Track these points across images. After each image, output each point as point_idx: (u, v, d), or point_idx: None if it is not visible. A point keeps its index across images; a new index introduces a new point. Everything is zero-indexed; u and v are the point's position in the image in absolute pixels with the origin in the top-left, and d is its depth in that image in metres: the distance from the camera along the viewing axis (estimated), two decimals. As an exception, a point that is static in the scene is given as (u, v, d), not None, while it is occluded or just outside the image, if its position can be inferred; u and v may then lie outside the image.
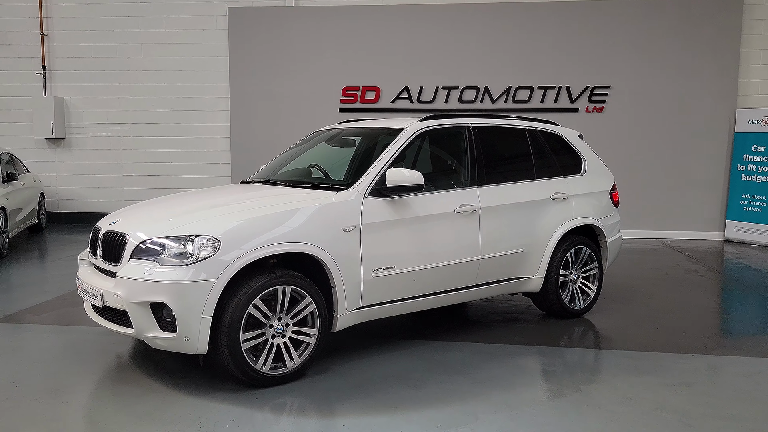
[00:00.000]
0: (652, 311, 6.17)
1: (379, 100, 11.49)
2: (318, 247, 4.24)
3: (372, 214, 4.55)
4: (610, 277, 7.56)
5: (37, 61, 12.25)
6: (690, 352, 4.94)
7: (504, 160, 5.76)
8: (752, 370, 4.57)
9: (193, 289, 3.84)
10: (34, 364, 4.61)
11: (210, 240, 3.93)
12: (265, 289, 4.02)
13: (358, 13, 11.47)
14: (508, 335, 5.33)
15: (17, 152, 11.68)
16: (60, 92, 12.32)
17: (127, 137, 12.28)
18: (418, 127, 5.09)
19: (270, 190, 4.91)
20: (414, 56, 11.39)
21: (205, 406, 3.85)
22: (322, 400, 3.97)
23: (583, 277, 5.94)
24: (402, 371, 4.45)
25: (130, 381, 4.26)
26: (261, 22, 11.63)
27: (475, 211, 5.08)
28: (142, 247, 4.03)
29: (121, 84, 12.18)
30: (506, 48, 11.22)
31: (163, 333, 3.92)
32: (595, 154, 6.34)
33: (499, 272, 5.34)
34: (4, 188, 9.14)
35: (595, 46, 11.06)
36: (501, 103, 11.26)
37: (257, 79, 11.69)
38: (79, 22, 12.16)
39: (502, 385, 4.21)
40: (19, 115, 12.40)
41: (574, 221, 5.78)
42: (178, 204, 4.71)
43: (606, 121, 11.14)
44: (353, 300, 4.47)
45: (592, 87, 11.11)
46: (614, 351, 5.03)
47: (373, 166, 4.73)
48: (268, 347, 4.09)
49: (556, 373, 4.52)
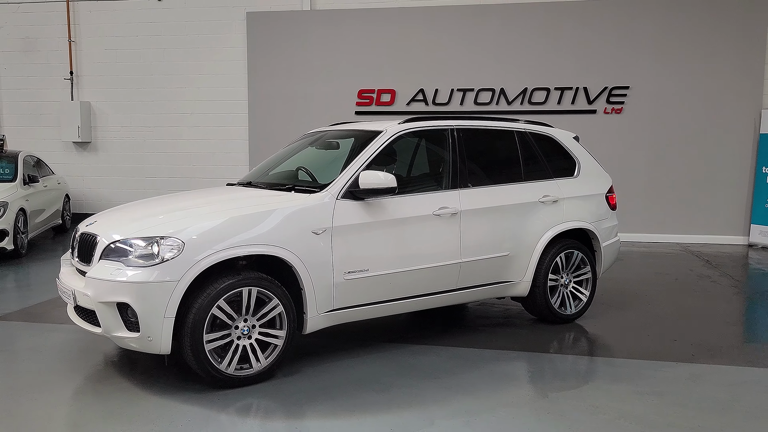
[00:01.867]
0: (649, 318, 6.01)
1: (395, 102, 11.48)
2: (285, 250, 4.25)
3: (345, 216, 4.55)
4: (613, 281, 7.42)
5: (65, 66, 12.62)
6: (675, 360, 4.79)
7: (489, 162, 5.69)
8: (735, 380, 4.41)
9: (155, 290, 3.89)
10: (8, 363, 4.74)
11: (174, 241, 3.98)
12: (229, 291, 4.06)
13: (373, 15, 11.49)
14: (491, 340, 5.26)
15: (46, 155, 12.09)
16: (86, 97, 12.67)
17: (150, 140, 12.55)
18: (397, 130, 5.06)
19: (247, 193, 4.95)
20: (429, 58, 11.35)
21: (167, 405, 3.90)
22: (284, 403, 3.98)
23: (575, 282, 5.82)
24: (371, 375, 4.43)
25: (104, 379, 4.35)
26: (278, 26, 11.75)
27: (455, 213, 5.03)
28: (111, 247, 4.11)
29: (144, 88, 12.46)
30: (522, 49, 11.08)
31: (128, 333, 3.99)
32: (591, 156, 6.20)
33: (482, 276, 5.27)
34: (25, 190, 9.44)
35: (614, 45, 10.84)
36: (517, 105, 11.12)
37: (275, 83, 11.82)
38: (105, 28, 12.49)
39: (469, 391, 4.15)
40: (48, 120, 12.80)
41: (565, 224, 5.66)
42: (156, 206, 4.79)
43: (625, 123, 10.90)
44: (324, 302, 4.48)
45: (610, 88, 10.88)
46: (595, 358, 4.92)
47: (348, 168, 4.73)
48: (233, 348, 4.13)
49: (529, 379, 4.45)
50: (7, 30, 12.78)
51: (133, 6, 12.38)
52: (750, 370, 4.59)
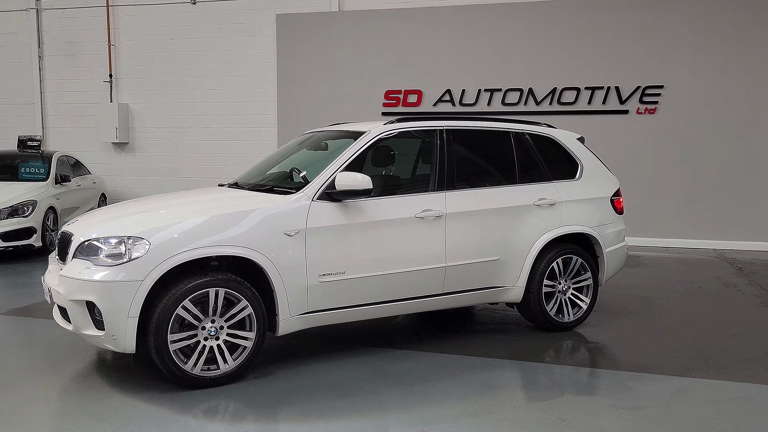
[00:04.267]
0: (654, 327, 5.74)
1: (421, 103, 11.37)
2: (254, 251, 4.23)
3: (320, 218, 4.50)
4: (627, 288, 7.16)
5: (105, 69, 13.02)
6: (666, 373, 4.54)
7: (481, 164, 5.54)
8: (723, 396, 4.15)
9: (119, 290, 3.93)
10: (6, 356, 4.89)
11: (140, 241, 4.01)
12: (195, 292, 4.06)
13: (400, 16, 11.40)
14: (479, 346, 5.11)
15: (87, 155, 12.55)
16: (124, 99, 13.04)
17: (184, 141, 12.81)
18: (380, 131, 4.98)
19: (227, 194, 4.97)
20: (457, 58, 11.20)
21: (128, 404, 3.93)
22: (244, 405, 3.95)
23: (574, 289, 5.61)
24: (342, 380, 4.36)
25: (78, 376, 4.42)
26: (307, 27, 11.81)
27: (439, 216, 4.91)
28: (83, 246, 4.17)
29: (178, 90, 12.73)
30: (551, 48, 10.80)
31: (96, 331, 4.04)
32: (596, 159, 5.96)
33: (470, 281, 5.13)
34: (56, 189, 9.77)
35: (647, 43, 10.43)
36: (546, 105, 10.84)
37: (303, 84, 11.88)
38: (142, 32, 12.83)
39: (435, 399, 4.04)
40: (89, 121, 13.22)
41: (562, 229, 5.46)
42: (137, 206, 4.86)
43: (659, 124, 10.47)
44: (298, 305, 4.43)
45: (643, 87, 10.47)
46: (581, 368, 4.71)
47: (326, 169, 4.68)
48: (199, 349, 4.13)
49: (503, 388, 4.29)
50: (52, 35, 13.28)
51: (168, 10, 12.67)
52: (743, 386, 4.30)
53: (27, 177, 9.90)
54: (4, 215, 8.60)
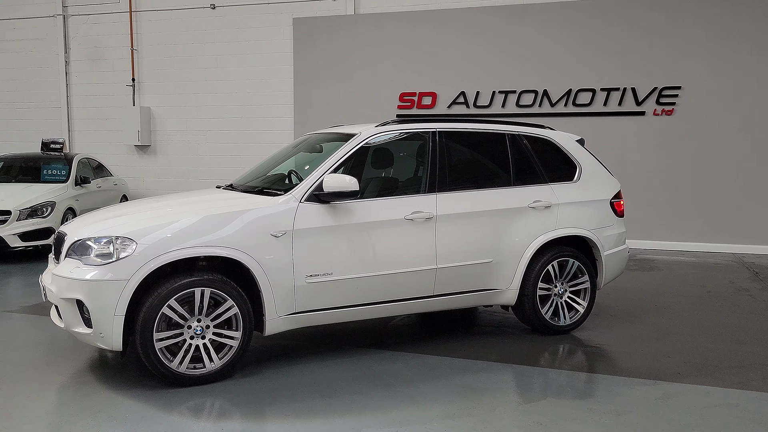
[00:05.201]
0: (654, 331, 5.65)
1: (436, 105, 11.36)
2: (241, 252, 4.29)
3: (307, 219, 4.54)
4: (633, 292, 7.07)
5: (128, 73, 13.30)
6: (655, 378, 4.47)
7: (474, 166, 5.53)
8: (711, 402, 4.08)
9: (105, 288, 4.03)
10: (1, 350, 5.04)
11: (127, 241, 4.11)
12: (180, 291, 4.13)
13: (415, 18, 11.42)
14: (470, 349, 5.10)
15: (111, 158, 12.87)
16: (147, 102, 13.29)
17: (204, 144, 13.01)
18: (371, 133, 5.02)
19: (219, 195, 5.05)
20: (471, 60, 11.17)
21: (114, 401, 4.02)
22: (226, 403, 4.02)
23: (571, 292, 5.55)
24: (327, 380, 4.40)
25: (70, 372, 4.54)
26: (323, 30, 11.90)
27: (430, 218, 4.92)
28: (75, 246, 4.29)
29: (198, 94, 12.93)
30: (566, 49, 10.70)
31: (85, 329, 4.14)
32: (596, 161, 5.90)
33: (463, 283, 5.12)
34: (76, 191, 10.02)
35: (664, 42, 10.27)
36: (561, 107, 10.75)
37: (319, 86, 11.98)
38: (164, 36, 13.07)
39: (416, 401, 4.04)
40: (112, 124, 13.51)
41: (558, 231, 5.42)
42: (131, 207, 4.98)
43: (676, 125, 10.30)
44: (285, 305, 4.48)
45: (660, 88, 10.32)
46: (569, 372, 4.66)
47: (315, 171, 4.72)
48: (185, 347, 4.21)
49: (486, 390, 4.26)
50: (78, 40, 13.61)
51: (189, 15, 12.89)
52: (734, 393, 4.22)
53: (48, 179, 10.18)
54: (23, 215, 8.85)
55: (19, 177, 10.34)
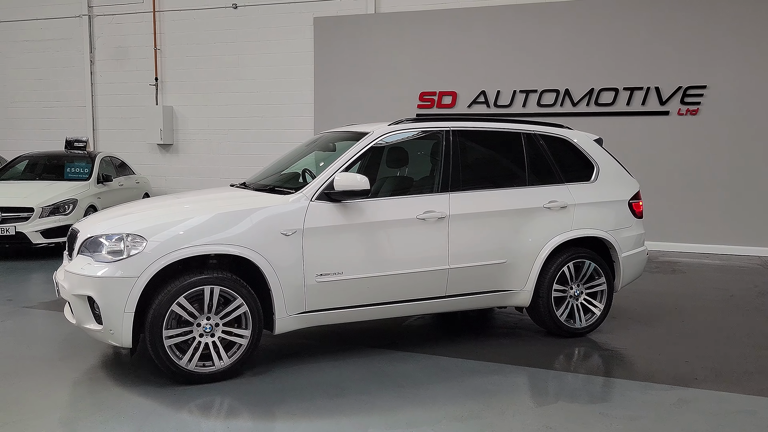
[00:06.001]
0: (673, 335, 5.53)
1: (456, 104, 11.30)
2: (250, 250, 4.28)
3: (318, 218, 4.52)
4: (653, 294, 6.95)
5: (151, 73, 13.43)
6: (672, 383, 4.37)
7: (488, 165, 5.47)
8: (727, 408, 3.97)
9: (115, 285, 4.05)
10: (13, 347, 5.09)
11: (137, 239, 4.12)
12: (190, 289, 4.14)
13: (435, 17, 11.36)
14: (483, 350, 5.03)
15: (134, 156, 13.02)
16: (169, 101, 13.41)
17: (225, 143, 13.09)
18: (383, 132, 4.98)
19: (232, 193, 5.05)
20: (491, 59, 11.08)
21: (123, 396, 4.04)
22: (233, 401, 4.01)
23: (587, 294, 5.46)
24: (337, 380, 4.37)
25: (82, 368, 4.57)
26: (344, 29, 11.90)
27: (442, 218, 4.87)
28: (87, 243, 4.31)
29: (219, 93, 13.02)
30: (589, 47, 10.55)
31: (95, 325, 4.17)
32: (614, 160, 5.79)
33: (475, 284, 5.06)
34: (98, 189, 10.14)
35: (689, 40, 10.07)
36: (583, 106, 10.60)
37: (339, 86, 11.97)
38: (186, 36, 13.18)
39: (424, 403, 4.00)
40: (136, 123, 13.65)
41: (574, 232, 5.33)
42: (145, 204, 5.01)
43: (701, 125, 10.10)
44: (295, 304, 4.47)
45: (685, 87, 10.12)
46: (583, 376, 4.57)
47: (326, 170, 4.70)
48: (194, 345, 4.21)
49: (497, 393, 4.20)
50: (103, 40, 13.78)
51: (211, 14, 12.98)
52: (751, 399, 4.10)
53: (71, 177, 10.31)
54: (46, 213, 8.97)
55: (43, 175, 10.49)
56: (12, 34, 14.34)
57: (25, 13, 14.16)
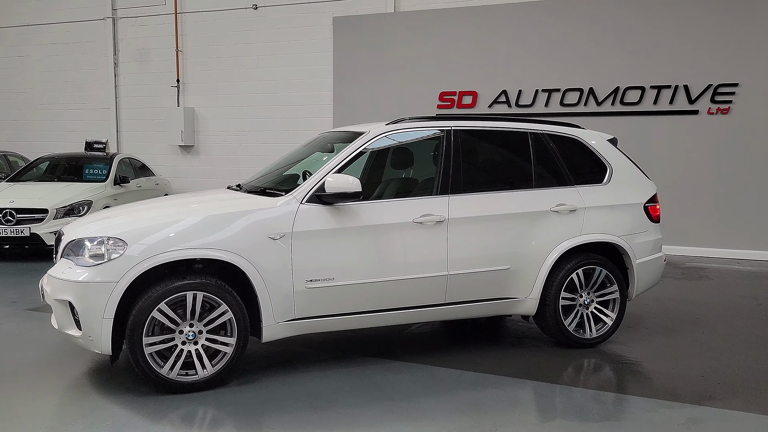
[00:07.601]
0: (690, 348, 5.20)
1: (476, 104, 11.02)
2: (235, 254, 4.11)
3: (308, 221, 4.33)
4: (673, 302, 6.61)
5: (173, 74, 13.44)
6: (684, 400, 4.07)
7: (492, 166, 5.21)
8: (740, 429, 3.67)
9: (94, 290, 3.92)
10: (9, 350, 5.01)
11: (119, 242, 3.99)
12: (171, 294, 3.99)
13: (456, 15, 11.10)
14: (484, 361, 4.78)
15: (156, 158, 13.05)
16: (190, 103, 13.41)
17: (245, 144, 13.02)
18: (379, 132, 4.78)
19: (224, 196, 4.91)
20: (513, 58, 10.78)
21: (101, 406, 3.90)
22: (216, 412, 3.85)
23: (598, 302, 5.17)
24: (324, 391, 4.17)
25: (66, 375, 4.44)
26: (363, 29, 11.73)
27: (441, 222, 4.63)
28: (69, 247, 4.20)
29: (239, 94, 12.96)
30: (614, 44, 10.18)
31: (76, 331, 4.05)
32: (630, 162, 5.48)
33: (477, 291, 4.81)
34: (114, 190, 10.13)
35: (720, 36, 9.63)
36: (608, 106, 10.23)
37: (358, 86, 11.80)
38: (208, 37, 13.16)
39: (412, 417, 3.78)
40: (158, 125, 13.68)
41: (583, 237, 5.04)
42: (132, 208, 4.87)
43: (732, 125, 9.65)
44: (283, 311, 4.29)
45: (715, 85, 9.69)
46: (588, 390, 4.28)
47: (318, 172, 4.52)
48: (176, 353, 4.06)
49: (491, 408, 3.95)
50: (126, 42, 13.85)
51: (231, 15, 12.93)
52: (766, 419, 3.78)
53: (89, 178, 10.33)
54: (60, 214, 8.97)
55: (62, 176, 10.53)
56: (39, 38, 14.51)
57: (51, 17, 14.32)
